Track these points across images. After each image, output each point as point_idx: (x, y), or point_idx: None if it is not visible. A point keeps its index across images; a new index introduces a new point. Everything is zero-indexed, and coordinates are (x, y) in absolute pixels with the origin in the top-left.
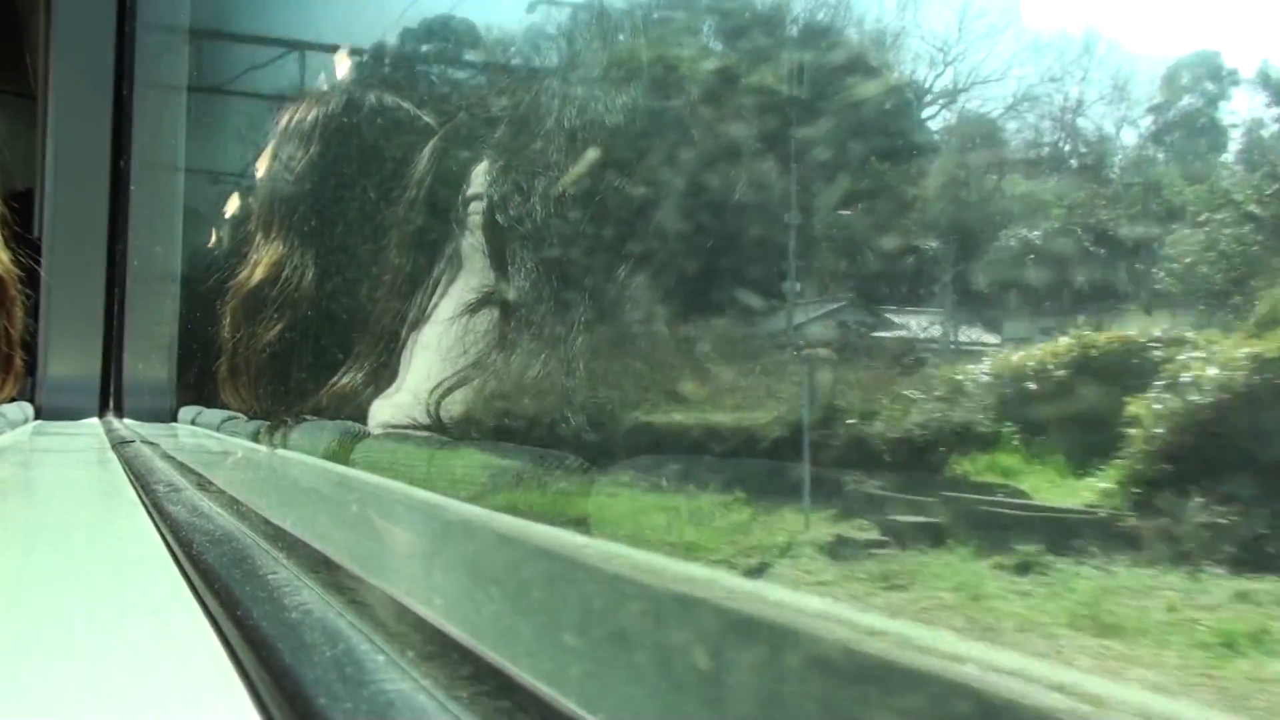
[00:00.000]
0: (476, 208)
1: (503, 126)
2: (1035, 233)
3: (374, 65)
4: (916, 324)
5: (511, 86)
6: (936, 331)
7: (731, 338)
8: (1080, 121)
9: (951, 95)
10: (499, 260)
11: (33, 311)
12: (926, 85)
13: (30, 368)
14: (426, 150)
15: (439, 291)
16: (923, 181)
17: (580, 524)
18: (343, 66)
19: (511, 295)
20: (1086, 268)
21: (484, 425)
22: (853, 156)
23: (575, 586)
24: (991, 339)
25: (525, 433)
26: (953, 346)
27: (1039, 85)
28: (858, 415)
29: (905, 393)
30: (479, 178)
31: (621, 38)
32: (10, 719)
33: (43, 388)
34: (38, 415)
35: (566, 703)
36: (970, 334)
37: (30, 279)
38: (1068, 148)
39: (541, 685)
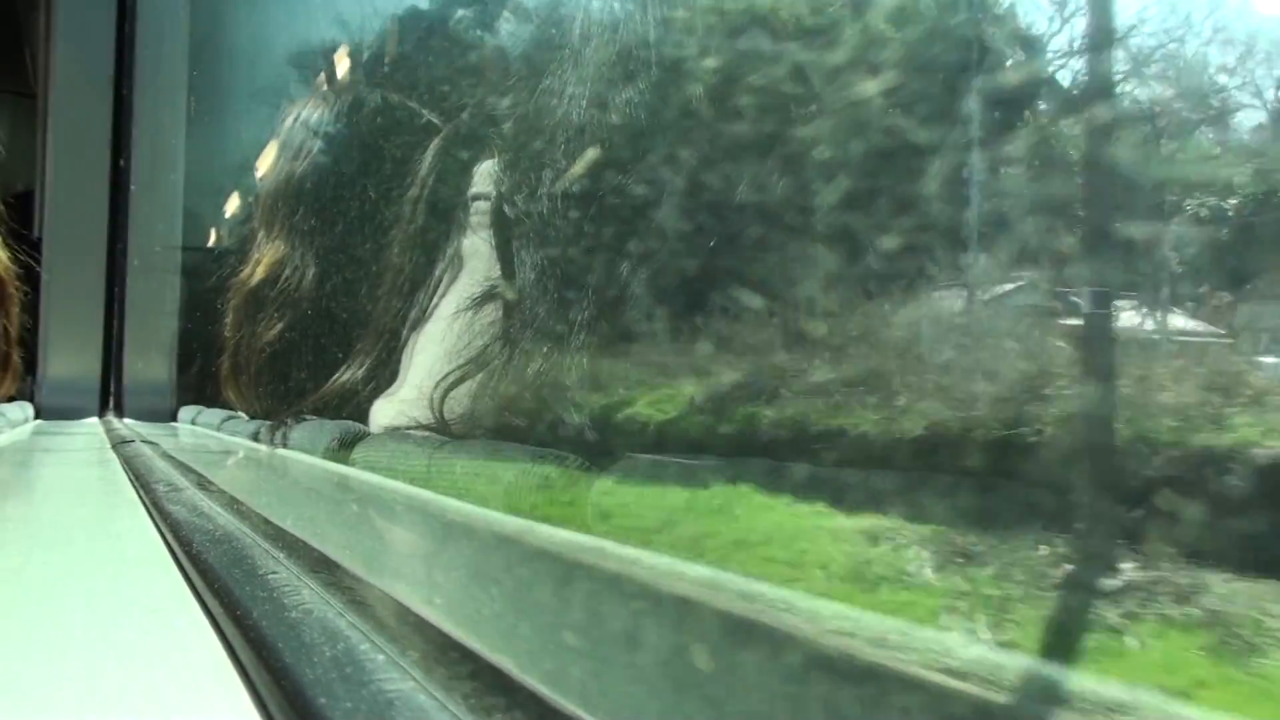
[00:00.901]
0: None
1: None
2: (1230, 201)
3: (377, 63)
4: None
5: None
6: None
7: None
8: (1230, 84)
9: (1075, 54)
10: None
11: (32, 311)
12: (1045, 41)
13: (30, 367)
14: (432, 146)
15: (443, 290)
16: (1076, 147)
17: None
18: (345, 65)
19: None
20: None
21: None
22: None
23: (575, 587)
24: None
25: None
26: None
27: (1178, 45)
28: None
29: None
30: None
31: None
32: (10, 719)
33: (42, 387)
34: (37, 415)
35: (566, 703)
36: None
37: (30, 278)
38: (1228, 115)
39: (541, 685)
